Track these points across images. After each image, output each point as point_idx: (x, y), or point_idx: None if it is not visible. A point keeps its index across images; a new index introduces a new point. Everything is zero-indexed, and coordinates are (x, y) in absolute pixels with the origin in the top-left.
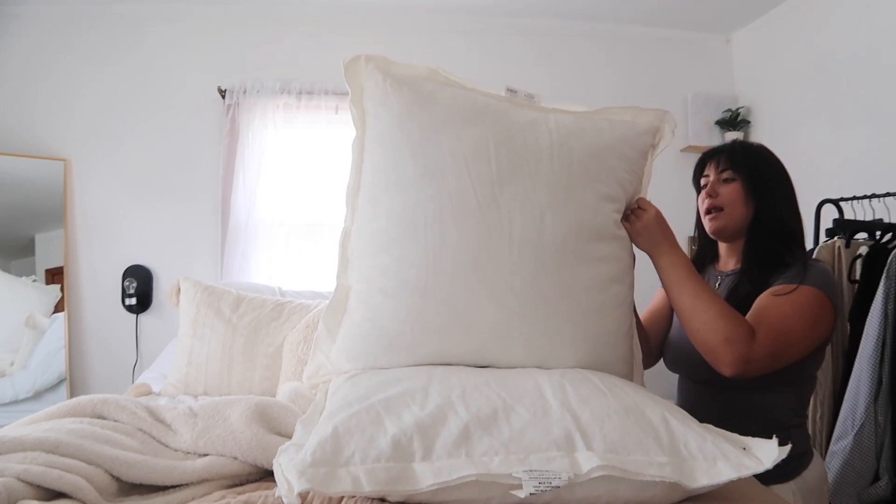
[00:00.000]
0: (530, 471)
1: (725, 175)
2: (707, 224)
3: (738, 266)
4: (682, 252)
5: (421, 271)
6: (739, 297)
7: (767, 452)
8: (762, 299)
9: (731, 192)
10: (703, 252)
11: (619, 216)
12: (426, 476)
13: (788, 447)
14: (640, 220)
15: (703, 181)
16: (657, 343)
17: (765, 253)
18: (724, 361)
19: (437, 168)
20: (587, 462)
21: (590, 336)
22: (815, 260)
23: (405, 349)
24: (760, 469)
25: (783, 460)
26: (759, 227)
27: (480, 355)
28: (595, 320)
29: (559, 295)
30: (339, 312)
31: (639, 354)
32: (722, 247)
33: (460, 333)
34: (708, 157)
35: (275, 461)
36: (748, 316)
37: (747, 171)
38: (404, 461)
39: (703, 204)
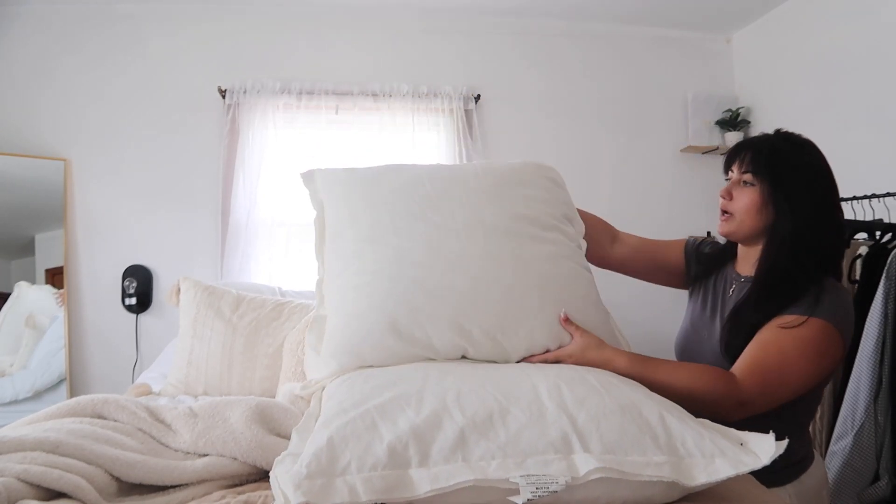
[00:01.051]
0: (527, 476)
1: (745, 178)
2: (718, 224)
3: (752, 274)
4: (615, 352)
5: (387, 263)
6: (741, 320)
7: (765, 448)
8: (766, 331)
9: (745, 200)
10: (725, 248)
11: (553, 220)
12: (423, 483)
13: (786, 442)
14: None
15: (728, 175)
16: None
17: (777, 274)
18: (725, 416)
19: (382, 199)
20: (584, 465)
21: (556, 302)
22: (835, 285)
23: (384, 329)
24: (758, 465)
25: (780, 465)
26: (775, 241)
27: (457, 322)
28: (557, 288)
29: (514, 264)
30: (320, 331)
31: (624, 340)
32: (740, 246)
33: (434, 304)
34: (737, 151)
35: (271, 473)
36: (749, 347)
37: (769, 178)
38: (400, 468)
39: (719, 203)
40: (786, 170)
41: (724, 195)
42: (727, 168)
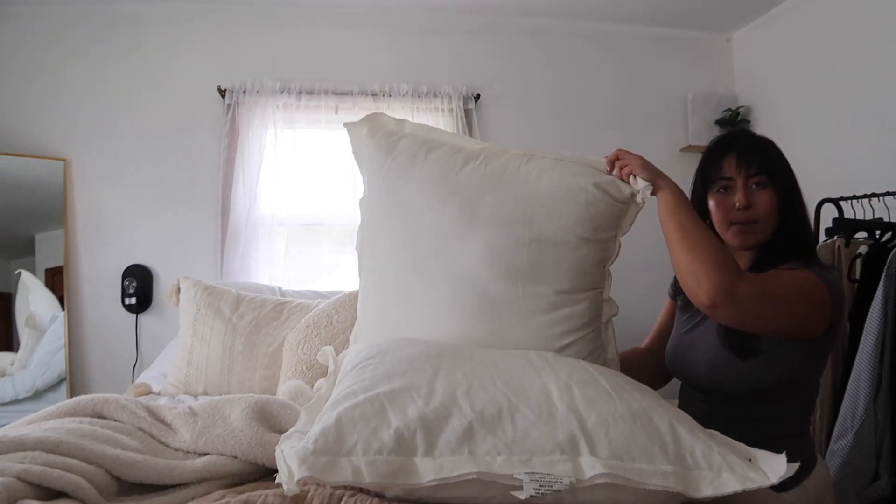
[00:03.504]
0: (532, 473)
1: (758, 181)
2: (733, 237)
3: (747, 268)
4: (675, 186)
5: None
6: None
7: (775, 467)
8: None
9: (766, 203)
10: None
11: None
12: (427, 471)
13: (797, 465)
14: (634, 157)
15: (721, 183)
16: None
17: (784, 261)
18: (707, 285)
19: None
20: (590, 468)
21: None
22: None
23: None
24: (766, 483)
25: None
26: (787, 237)
27: None
28: None
29: None
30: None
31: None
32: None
33: None
34: (730, 151)
35: (277, 447)
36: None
37: (781, 179)
38: (406, 455)
39: (730, 214)
40: (785, 168)
41: (743, 205)
42: (716, 178)
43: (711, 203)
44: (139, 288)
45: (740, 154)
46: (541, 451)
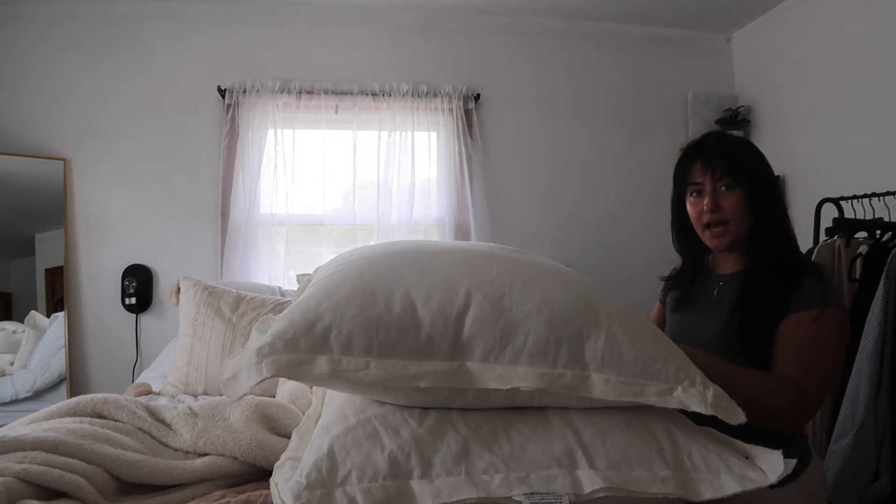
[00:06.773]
0: (531, 493)
1: (724, 183)
2: (709, 240)
3: (739, 268)
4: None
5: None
6: (755, 308)
7: (772, 465)
8: (793, 329)
9: (736, 204)
10: (694, 261)
11: None
12: (425, 496)
13: (794, 462)
14: None
15: (693, 188)
16: None
17: (780, 262)
18: (791, 426)
19: None
20: (589, 482)
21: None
22: (822, 266)
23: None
24: (765, 483)
25: None
26: (764, 233)
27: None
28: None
29: None
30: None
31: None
32: (715, 253)
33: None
34: (697, 158)
35: (271, 480)
36: (785, 348)
37: (749, 179)
38: (402, 478)
39: (702, 217)
40: (757, 167)
41: (710, 208)
42: (687, 182)
43: (688, 207)
44: (139, 288)
45: (705, 158)
46: (538, 466)
